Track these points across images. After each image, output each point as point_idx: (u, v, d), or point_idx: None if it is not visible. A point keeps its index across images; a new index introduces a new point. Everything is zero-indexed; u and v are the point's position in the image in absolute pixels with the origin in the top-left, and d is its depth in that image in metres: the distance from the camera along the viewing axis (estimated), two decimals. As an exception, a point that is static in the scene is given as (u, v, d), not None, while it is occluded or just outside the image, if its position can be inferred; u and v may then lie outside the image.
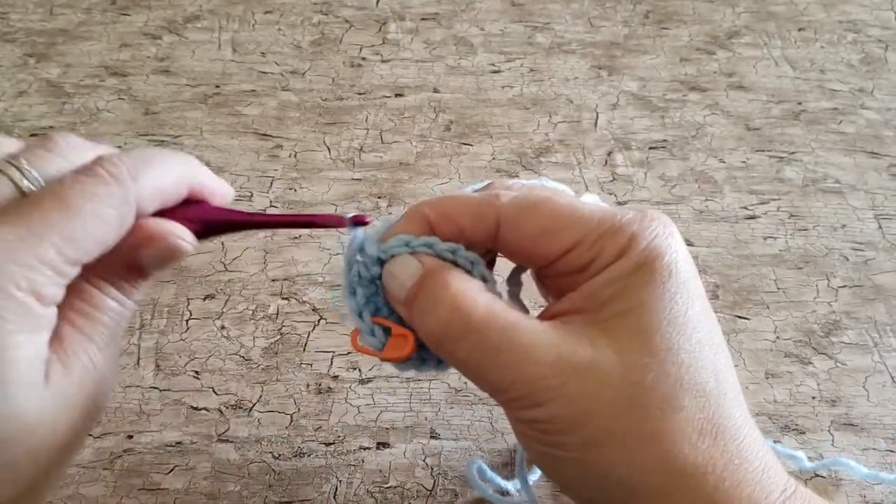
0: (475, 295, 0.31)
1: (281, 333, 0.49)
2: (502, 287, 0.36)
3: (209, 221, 0.34)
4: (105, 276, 0.32)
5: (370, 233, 0.34)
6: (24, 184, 0.29)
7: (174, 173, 0.32)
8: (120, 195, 0.30)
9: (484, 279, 0.33)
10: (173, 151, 0.33)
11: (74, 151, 0.31)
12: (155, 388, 0.46)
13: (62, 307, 0.30)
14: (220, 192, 0.34)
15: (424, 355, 0.35)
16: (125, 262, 0.32)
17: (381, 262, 0.34)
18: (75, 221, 0.28)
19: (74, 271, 0.29)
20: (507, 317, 0.31)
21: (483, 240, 0.33)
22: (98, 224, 0.29)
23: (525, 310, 0.36)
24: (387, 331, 0.35)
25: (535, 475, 0.43)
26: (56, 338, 0.30)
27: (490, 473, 0.42)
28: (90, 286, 0.31)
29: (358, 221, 0.34)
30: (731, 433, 0.30)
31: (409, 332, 0.34)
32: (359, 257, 0.34)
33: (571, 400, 0.29)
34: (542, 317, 0.33)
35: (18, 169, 0.29)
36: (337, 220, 0.34)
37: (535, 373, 0.30)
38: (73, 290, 0.30)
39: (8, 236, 0.27)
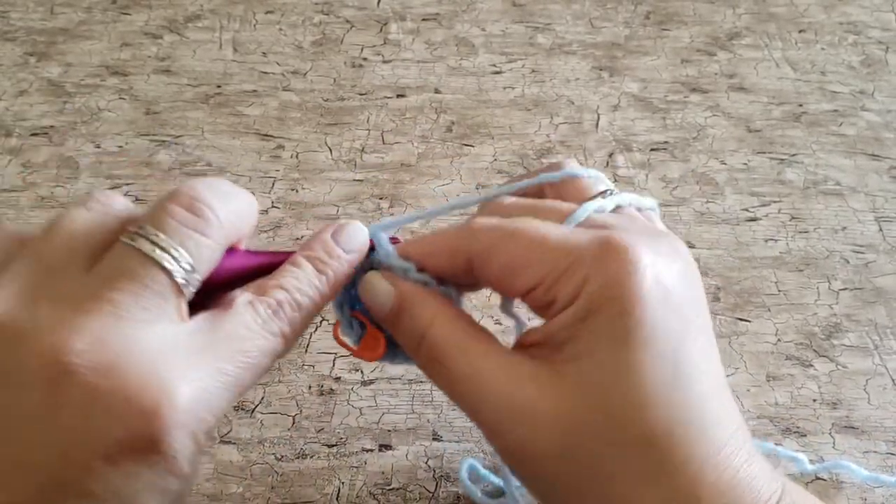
0: (447, 323, 0.32)
1: (283, 335, 0.49)
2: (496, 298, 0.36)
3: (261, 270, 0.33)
4: None
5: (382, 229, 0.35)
6: (180, 277, 0.28)
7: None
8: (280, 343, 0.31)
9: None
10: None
11: (222, 224, 0.30)
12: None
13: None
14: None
15: (396, 351, 0.35)
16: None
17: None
18: (250, 370, 0.29)
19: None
20: (475, 349, 0.31)
21: (459, 276, 0.33)
22: (255, 365, 0.30)
23: (520, 322, 0.36)
24: (363, 326, 0.35)
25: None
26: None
27: (483, 472, 0.42)
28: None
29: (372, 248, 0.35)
30: (687, 478, 0.28)
31: (380, 336, 0.35)
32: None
33: (515, 441, 0.30)
34: (520, 341, 0.33)
35: (165, 251, 0.28)
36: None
37: (491, 406, 0.30)
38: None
39: (205, 384, 0.27)
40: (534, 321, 0.32)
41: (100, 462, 0.25)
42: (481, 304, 0.50)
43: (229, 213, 0.30)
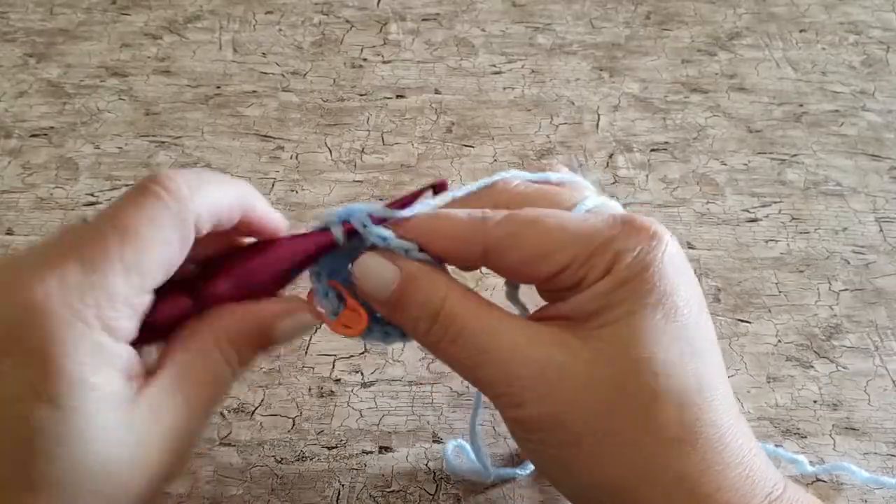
0: (461, 297, 0.32)
1: (283, 336, 0.49)
2: (501, 287, 0.36)
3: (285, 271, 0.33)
4: (233, 342, 0.31)
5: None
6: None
7: (231, 195, 0.31)
8: (179, 214, 0.29)
9: None
10: (229, 176, 0.32)
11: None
12: (157, 391, 0.46)
13: (176, 362, 0.30)
14: (274, 222, 0.34)
15: (388, 329, 0.35)
16: (258, 334, 0.32)
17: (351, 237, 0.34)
18: (138, 248, 0.27)
19: (145, 299, 0.28)
20: (492, 319, 0.32)
21: (471, 264, 0.34)
22: (161, 247, 0.28)
23: (524, 309, 0.37)
24: (340, 298, 0.35)
25: (528, 469, 0.43)
26: (157, 389, 0.29)
27: (471, 456, 0.42)
28: (216, 350, 0.31)
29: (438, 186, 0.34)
30: (712, 441, 0.30)
31: (362, 310, 0.34)
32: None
33: (547, 402, 0.30)
34: (531, 318, 0.33)
35: None
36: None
37: (515, 374, 0.31)
38: (194, 350, 0.30)
39: (72, 274, 0.26)
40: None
41: None
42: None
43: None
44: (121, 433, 0.27)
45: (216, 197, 0.30)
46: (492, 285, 0.49)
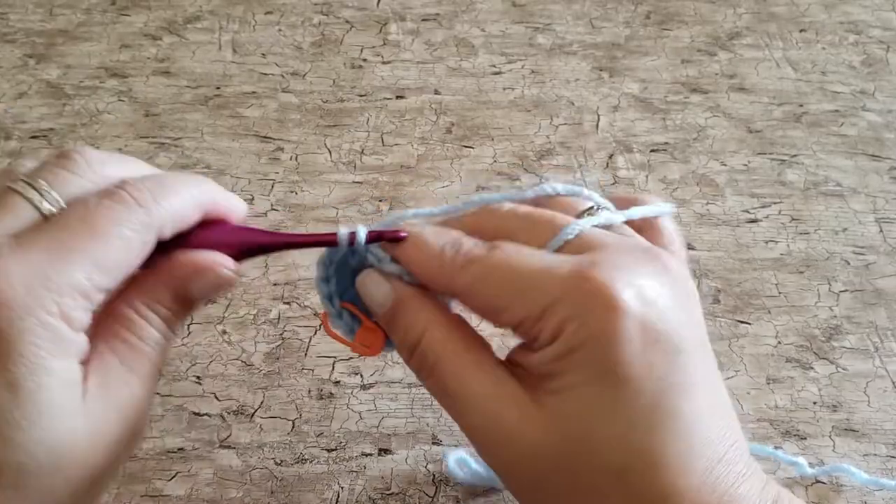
0: (441, 333, 0.32)
1: (282, 338, 0.49)
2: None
3: (243, 246, 0.33)
4: (152, 306, 0.32)
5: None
6: (45, 206, 0.29)
7: (190, 197, 0.32)
8: (144, 220, 0.30)
9: None
10: (187, 175, 0.33)
11: (93, 169, 0.31)
12: (157, 393, 0.46)
13: (107, 337, 0.30)
14: (235, 210, 0.34)
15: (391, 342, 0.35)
16: (174, 294, 0.32)
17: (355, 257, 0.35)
18: (103, 246, 0.28)
19: (101, 297, 0.29)
20: (464, 362, 0.32)
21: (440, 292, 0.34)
22: (123, 248, 0.29)
23: None
24: (355, 317, 0.35)
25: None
26: (98, 365, 0.30)
27: (473, 465, 0.42)
28: (137, 316, 0.31)
29: (374, 238, 0.34)
30: (669, 496, 0.29)
31: (377, 329, 0.35)
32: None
33: (496, 459, 0.32)
34: (510, 357, 0.33)
35: (38, 190, 0.29)
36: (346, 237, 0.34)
37: (472, 423, 0.32)
38: (119, 319, 0.31)
39: (37, 260, 0.27)
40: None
41: None
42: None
43: (110, 165, 0.31)
44: (77, 413, 0.28)
45: (178, 205, 0.31)
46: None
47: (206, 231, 0.33)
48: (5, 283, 0.26)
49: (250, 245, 0.33)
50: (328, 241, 0.34)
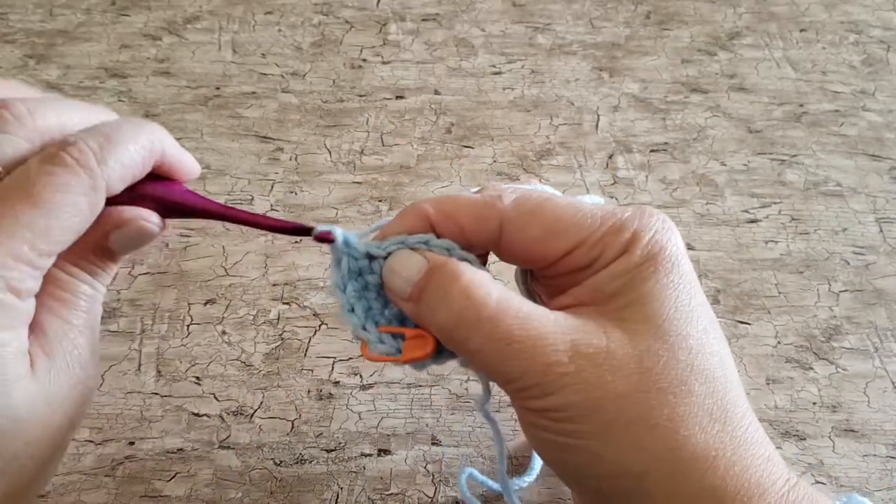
0: (487, 285, 0.32)
1: (282, 339, 0.49)
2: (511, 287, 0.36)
3: (173, 203, 0.34)
4: (76, 262, 0.32)
5: (351, 232, 0.34)
6: None
7: (141, 151, 0.32)
8: (89, 183, 0.30)
9: None
10: (138, 122, 0.33)
11: (26, 125, 0.30)
12: (156, 394, 0.46)
13: (38, 296, 0.30)
14: (187, 167, 0.35)
15: (440, 348, 0.34)
16: (95, 247, 0.32)
17: (371, 258, 0.34)
18: (46, 215, 0.28)
19: (49, 262, 0.29)
20: (521, 305, 0.31)
21: (485, 242, 0.33)
22: (69, 214, 0.29)
23: (539, 299, 0.37)
24: (395, 335, 0.35)
25: (530, 477, 0.43)
26: (36, 327, 0.30)
27: (481, 478, 0.42)
28: (63, 273, 0.32)
29: (323, 238, 0.34)
30: (738, 419, 0.30)
31: (426, 333, 0.34)
32: (346, 251, 0.34)
33: (586, 387, 0.30)
34: (554, 306, 0.33)
35: None
36: (303, 230, 0.34)
37: (550, 360, 0.30)
38: (46, 278, 0.31)
39: None
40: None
41: None
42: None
43: (46, 116, 0.31)
44: (29, 378, 0.29)
45: (126, 158, 0.31)
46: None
47: (146, 182, 0.33)
48: None
49: (183, 204, 0.34)
50: (298, 232, 0.34)
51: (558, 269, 0.33)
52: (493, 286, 0.32)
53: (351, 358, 0.48)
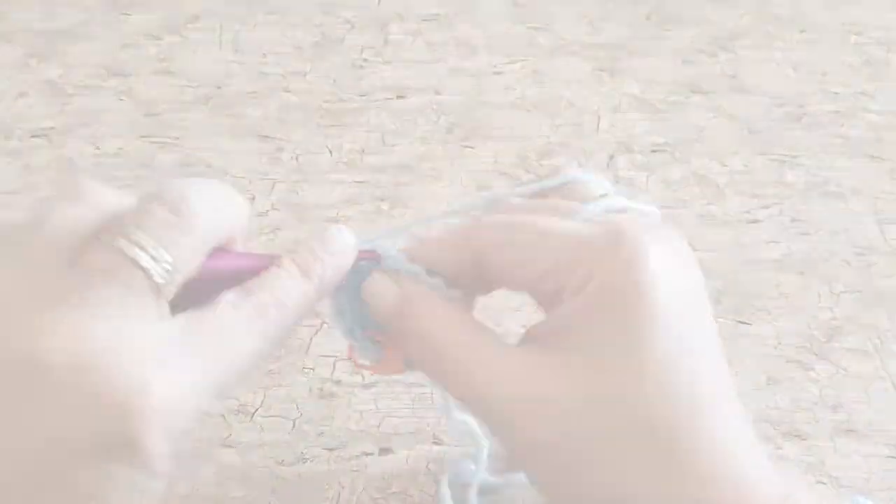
0: (446, 324, 0.32)
1: (283, 338, 0.49)
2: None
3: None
4: None
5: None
6: (158, 276, 0.27)
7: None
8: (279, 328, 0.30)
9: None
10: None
11: (196, 228, 0.29)
12: (157, 392, 0.46)
13: None
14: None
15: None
16: None
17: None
18: (235, 368, 0.29)
19: None
20: (477, 348, 0.32)
21: (467, 272, 0.34)
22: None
23: None
24: (376, 343, 0.35)
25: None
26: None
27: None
28: None
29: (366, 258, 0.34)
30: (691, 464, 0.29)
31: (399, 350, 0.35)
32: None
33: (528, 431, 0.30)
34: (525, 336, 0.33)
35: (144, 250, 0.27)
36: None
37: (495, 405, 0.31)
38: None
39: (178, 395, 0.26)
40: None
41: (75, 460, 0.25)
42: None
43: (214, 215, 0.30)
44: None
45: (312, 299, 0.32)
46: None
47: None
48: (149, 397, 0.25)
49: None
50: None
51: (536, 294, 0.33)
52: (459, 324, 0.33)
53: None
